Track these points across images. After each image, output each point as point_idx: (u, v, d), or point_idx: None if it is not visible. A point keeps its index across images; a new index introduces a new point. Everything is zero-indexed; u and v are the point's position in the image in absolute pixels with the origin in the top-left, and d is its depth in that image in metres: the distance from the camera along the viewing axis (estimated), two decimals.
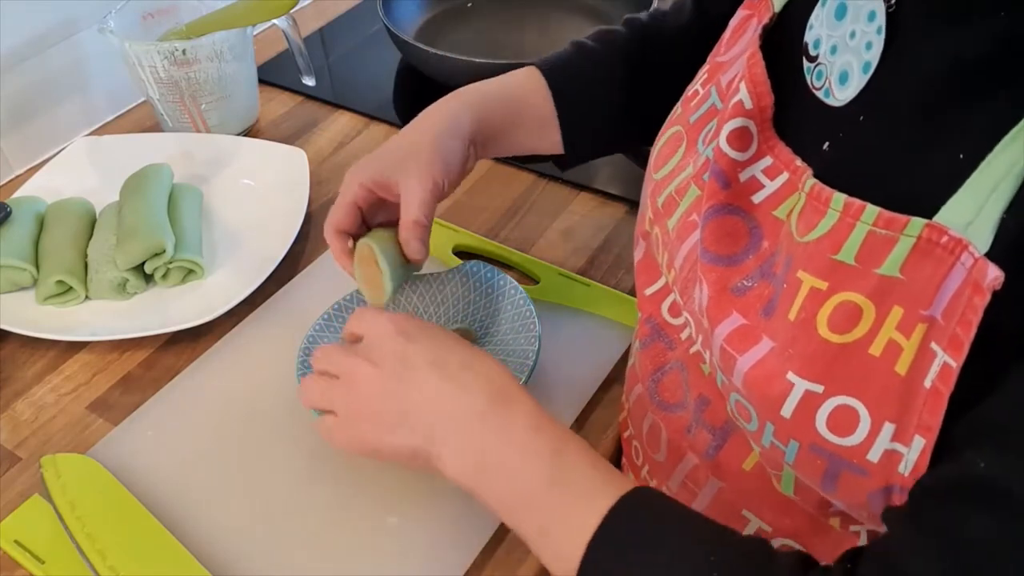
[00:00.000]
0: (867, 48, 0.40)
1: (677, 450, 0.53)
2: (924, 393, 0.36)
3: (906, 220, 0.36)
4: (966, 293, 0.34)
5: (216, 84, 0.89)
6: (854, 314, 0.38)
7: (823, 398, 0.39)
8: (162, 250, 0.73)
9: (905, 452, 0.37)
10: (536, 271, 0.77)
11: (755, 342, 0.42)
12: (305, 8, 1.17)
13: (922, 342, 0.36)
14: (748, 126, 0.45)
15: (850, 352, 0.38)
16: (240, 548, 0.58)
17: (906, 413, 0.36)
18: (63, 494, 0.60)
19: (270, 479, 0.62)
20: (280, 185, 0.85)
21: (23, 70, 0.88)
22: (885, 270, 0.37)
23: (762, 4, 0.48)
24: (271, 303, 0.75)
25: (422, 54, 0.96)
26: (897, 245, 0.36)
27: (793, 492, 0.46)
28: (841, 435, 0.38)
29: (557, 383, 0.67)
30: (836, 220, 0.39)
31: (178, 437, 0.65)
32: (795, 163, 0.43)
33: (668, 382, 0.54)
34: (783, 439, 0.41)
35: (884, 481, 0.38)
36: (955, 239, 0.34)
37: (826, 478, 0.40)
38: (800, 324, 0.40)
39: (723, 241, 0.46)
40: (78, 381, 0.70)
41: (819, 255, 0.39)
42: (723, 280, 0.45)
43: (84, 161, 0.88)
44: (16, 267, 0.73)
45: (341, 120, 0.98)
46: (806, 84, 0.45)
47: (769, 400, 0.41)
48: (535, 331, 0.65)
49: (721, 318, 0.44)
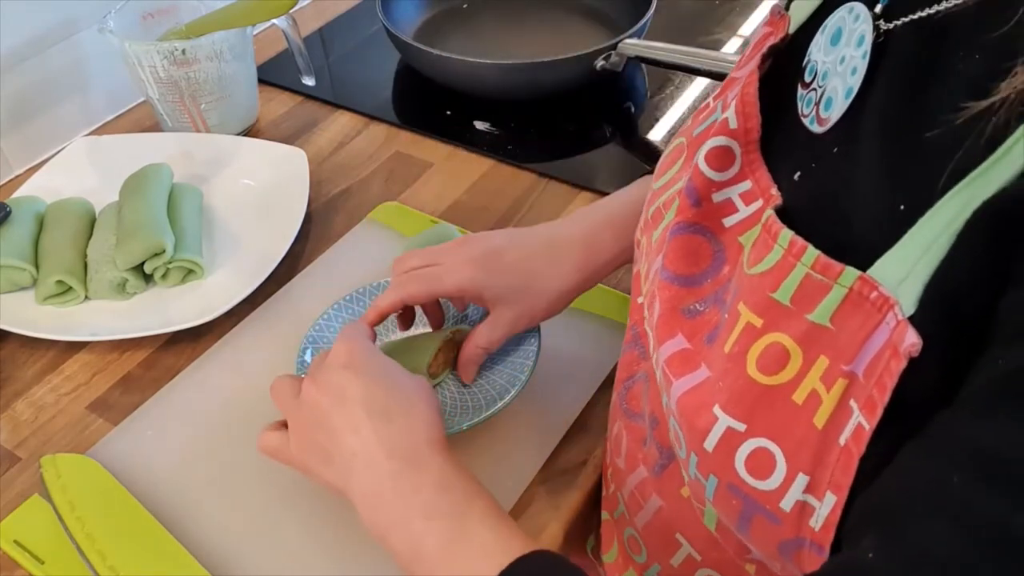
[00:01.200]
0: (852, 73, 0.39)
1: (633, 460, 0.53)
2: (838, 450, 0.35)
3: (841, 269, 0.34)
4: (886, 355, 0.32)
5: (216, 84, 0.89)
6: (782, 357, 0.36)
7: (744, 437, 0.38)
8: (162, 250, 0.73)
9: (817, 506, 0.36)
10: None
11: (693, 368, 0.41)
12: (305, 8, 1.17)
13: (841, 397, 0.34)
14: (731, 146, 0.44)
15: (775, 395, 0.37)
16: (240, 548, 0.58)
17: (820, 467, 0.35)
18: (63, 494, 0.60)
19: (270, 479, 0.62)
20: (280, 185, 0.85)
21: (23, 70, 0.88)
22: (816, 317, 0.35)
23: (781, 23, 0.47)
24: (271, 303, 0.75)
25: (421, 54, 0.96)
26: (830, 293, 0.35)
27: (715, 529, 0.45)
28: (757, 478, 0.37)
29: (557, 383, 0.67)
30: (780, 257, 0.37)
31: (178, 437, 0.65)
32: (770, 191, 0.42)
33: (636, 391, 0.54)
34: (704, 473, 0.41)
35: (795, 532, 0.37)
36: (883, 296, 0.33)
37: (741, 519, 0.40)
38: (732, 358, 0.38)
39: (684, 260, 0.45)
40: (78, 381, 0.70)
41: (760, 290, 0.38)
42: (676, 300, 0.44)
43: (84, 161, 0.88)
44: (16, 267, 0.73)
45: (341, 120, 0.98)
46: (796, 111, 0.44)
47: (695, 430, 0.40)
48: (535, 331, 0.65)
49: (666, 338, 0.43)
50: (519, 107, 0.97)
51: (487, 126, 0.96)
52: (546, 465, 0.63)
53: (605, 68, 0.94)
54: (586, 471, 0.63)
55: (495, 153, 0.91)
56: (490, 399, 0.63)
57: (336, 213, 0.85)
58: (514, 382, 0.63)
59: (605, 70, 0.94)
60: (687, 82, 1.00)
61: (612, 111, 0.99)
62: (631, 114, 0.99)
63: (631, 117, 0.98)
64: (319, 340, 0.67)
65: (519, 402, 0.63)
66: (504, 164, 0.90)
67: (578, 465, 0.63)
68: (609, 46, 0.93)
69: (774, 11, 0.47)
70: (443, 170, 0.90)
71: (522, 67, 0.92)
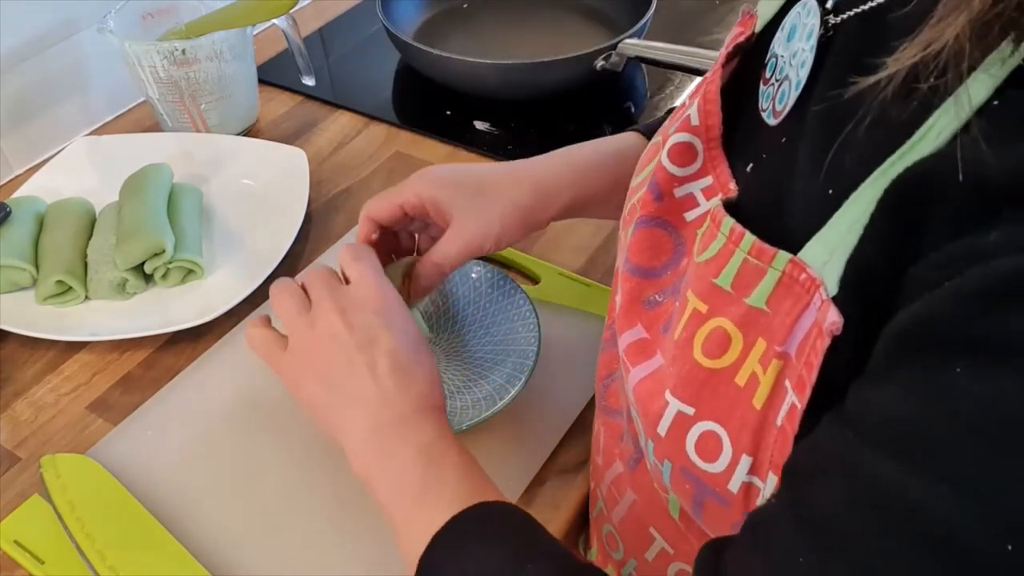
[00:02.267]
0: (802, 66, 0.40)
1: (609, 455, 0.54)
2: (775, 431, 0.36)
3: (774, 253, 0.36)
4: (813, 334, 0.34)
5: (216, 84, 0.89)
6: (724, 341, 0.38)
7: (693, 420, 0.39)
8: (162, 250, 0.73)
9: (762, 487, 0.37)
10: (536, 271, 0.77)
11: (649, 356, 0.42)
12: (305, 8, 1.17)
13: (777, 378, 0.36)
14: (693, 143, 0.45)
15: (719, 378, 0.38)
16: (240, 548, 0.58)
17: (760, 448, 0.37)
18: (63, 494, 0.60)
19: (270, 479, 0.62)
20: (280, 185, 0.85)
21: (23, 70, 0.88)
22: (753, 301, 0.37)
23: (750, 22, 0.48)
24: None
25: (421, 54, 0.96)
26: (765, 277, 0.36)
27: (678, 518, 0.46)
28: (706, 460, 0.39)
29: (557, 383, 0.67)
30: (722, 244, 0.39)
31: (178, 437, 0.65)
32: (728, 185, 0.43)
33: (614, 388, 0.54)
34: (660, 458, 0.42)
35: (744, 513, 0.38)
36: (811, 278, 0.34)
37: (694, 503, 0.41)
38: (681, 344, 0.40)
39: (646, 253, 0.46)
40: (78, 381, 0.70)
41: (704, 277, 0.39)
42: (637, 291, 0.45)
43: (84, 161, 0.88)
44: (16, 267, 0.73)
45: (341, 120, 0.98)
46: (757, 107, 0.45)
47: (650, 416, 0.41)
48: (535, 331, 0.65)
49: (626, 328, 0.45)
50: (519, 107, 0.97)
51: (487, 126, 0.96)
52: (546, 465, 0.63)
53: (605, 68, 0.94)
54: (585, 471, 0.63)
55: (495, 153, 0.91)
56: (490, 399, 0.63)
57: (336, 213, 0.85)
58: (514, 382, 0.63)
59: (605, 70, 0.94)
60: (687, 82, 1.00)
61: (612, 111, 0.99)
62: (631, 114, 0.99)
63: (631, 117, 0.98)
64: None
65: (519, 402, 0.63)
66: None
67: (578, 465, 0.63)
68: (609, 46, 0.93)
69: (744, 12, 0.48)
70: None
71: (522, 67, 0.92)
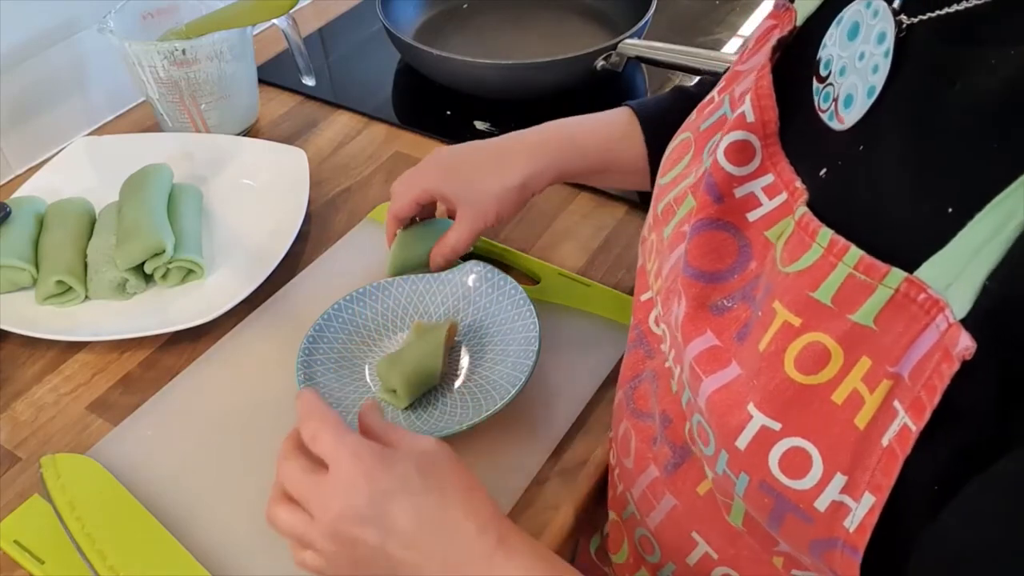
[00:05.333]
0: (873, 71, 0.39)
1: (642, 459, 0.53)
2: (880, 451, 0.35)
3: (886, 270, 0.34)
4: (935, 357, 0.32)
5: (216, 84, 0.89)
6: (822, 357, 0.36)
7: (779, 436, 0.38)
8: (162, 250, 0.73)
9: (853, 507, 0.36)
10: (536, 271, 0.77)
11: (724, 365, 0.41)
12: (305, 8, 1.17)
13: (885, 399, 0.35)
14: (750, 140, 0.44)
15: (812, 395, 0.37)
16: (240, 548, 0.58)
17: (859, 468, 0.35)
18: (63, 494, 0.60)
19: (270, 479, 0.62)
20: (280, 185, 0.85)
21: (23, 70, 0.88)
22: (859, 318, 0.35)
23: (786, 15, 0.47)
24: (271, 303, 0.75)
25: (421, 54, 0.96)
26: (874, 294, 0.35)
27: (741, 524, 0.45)
28: (792, 477, 0.37)
29: (557, 383, 0.67)
30: (819, 256, 0.37)
31: (178, 437, 0.65)
32: (794, 184, 0.42)
33: (643, 390, 0.54)
34: (735, 470, 0.40)
35: (828, 532, 0.37)
36: (932, 299, 0.33)
37: (772, 518, 0.39)
38: (768, 357, 0.38)
39: (708, 257, 0.44)
40: (78, 381, 0.70)
41: (797, 289, 0.38)
42: (703, 296, 0.44)
43: (84, 161, 0.88)
44: (16, 267, 0.73)
45: (341, 120, 0.98)
46: (813, 104, 0.43)
47: (727, 428, 0.40)
48: (535, 331, 0.65)
49: (694, 335, 0.43)
50: (519, 107, 0.97)
51: (487, 126, 0.96)
52: (546, 465, 0.63)
53: (605, 68, 0.94)
54: (587, 471, 0.63)
55: None
56: (491, 399, 0.63)
57: (336, 213, 0.85)
58: (514, 382, 0.63)
59: (605, 70, 0.94)
60: (687, 82, 1.00)
61: None
62: None
63: None
64: (319, 340, 0.67)
65: (519, 402, 0.63)
66: None
67: (579, 465, 0.63)
68: (609, 46, 0.93)
69: (778, 4, 0.47)
70: None
71: (522, 67, 0.92)
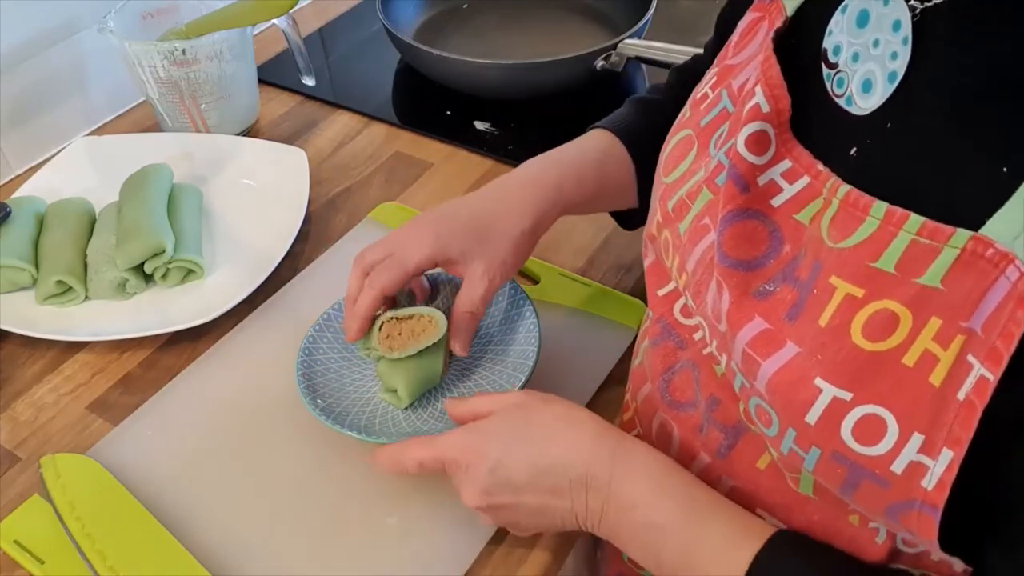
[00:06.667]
0: (892, 58, 0.40)
1: (689, 449, 0.53)
2: (957, 405, 0.36)
3: (951, 231, 0.36)
4: (1009, 306, 0.34)
5: (216, 84, 0.89)
6: (891, 322, 0.38)
7: (851, 405, 0.39)
8: (162, 250, 0.73)
9: (931, 465, 0.37)
10: (536, 271, 0.77)
11: (779, 347, 0.42)
12: (305, 8, 1.17)
13: (959, 354, 0.36)
14: (766, 129, 0.45)
15: (882, 360, 0.38)
16: (240, 548, 0.58)
17: (936, 425, 0.36)
18: (63, 494, 0.60)
19: (270, 479, 0.62)
20: (280, 185, 0.85)
21: (23, 70, 0.88)
22: (926, 280, 0.37)
23: (773, 7, 0.48)
24: (271, 303, 0.75)
25: (421, 54, 0.96)
26: (940, 256, 0.36)
27: (812, 492, 0.46)
28: (866, 444, 0.39)
29: (557, 383, 0.67)
30: (876, 228, 0.39)
31: (178, 437, 0.65)
32: (816, 167, 0.43)
33: (679, 381, 0.54)
34: (804, 446, 0.41)
35: (906, 495, 0.38)
36: (1001, 252, 0.35)
37: (845, 486, 0.41)
38: (832, 330, 0.40)
39: (743, 246, 0.46)
40: (78, 381, 0.70)
41: (855, 262, 0.39)
42: (744, 284, 0.45)
43: (84, 161, 0.88)
44: (16, 267, 0.73)
45: (341, 120, 0.98)
46: (825, 90, 0.45)
47: (794, 406, 0.41)
48: (535, 331, 0.65)
49: (743, 322, 0.44)
50: (519, 107, 0.97)
51: (487, 126, 0.96)
52: None
53: (605, 68, 0.94)
54: None
55: (495, 153, 0.91)
56: None
57: (336, 213, 0.85)
58: (514, 382, 0.63)
59: (605, 70, 0.94)
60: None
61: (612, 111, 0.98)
62: None
63: None
64: (319, 340, 0.67)
65: None
66: (504, 164, 0.90)
67: None
68: (609, 46, 0.93)
69: None
70: (443, 170, 0.90)
71: (522, 67, 0.92)
